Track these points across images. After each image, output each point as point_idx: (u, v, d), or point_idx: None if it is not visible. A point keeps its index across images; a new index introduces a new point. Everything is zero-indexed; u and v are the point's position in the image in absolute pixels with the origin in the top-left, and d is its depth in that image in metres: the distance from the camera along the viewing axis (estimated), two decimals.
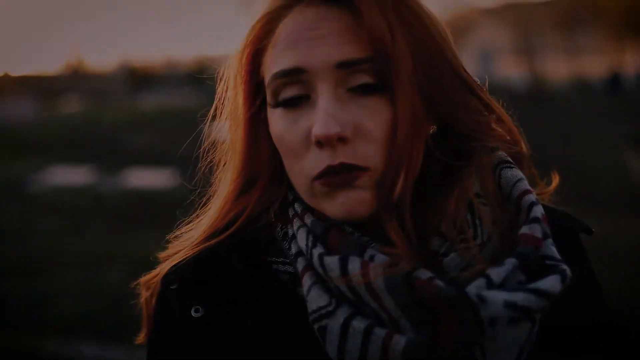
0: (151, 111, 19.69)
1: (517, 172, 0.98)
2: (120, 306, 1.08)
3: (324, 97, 0.90)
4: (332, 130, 0.88)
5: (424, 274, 0.86)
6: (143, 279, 1.06)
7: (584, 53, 34.87)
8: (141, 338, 1.07)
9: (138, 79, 32.33)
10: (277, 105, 0.95)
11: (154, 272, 1.05)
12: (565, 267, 0.88)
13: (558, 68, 33.14)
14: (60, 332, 5.25)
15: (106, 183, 11.12)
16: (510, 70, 31.95)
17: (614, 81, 27.83)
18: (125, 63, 35.98)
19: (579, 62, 33.95)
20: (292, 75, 0.92)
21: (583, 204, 8.04)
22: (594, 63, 33.27)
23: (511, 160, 1.00)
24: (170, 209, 1.12)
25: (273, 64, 0.94)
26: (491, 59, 30.65)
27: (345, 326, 0.87)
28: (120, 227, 8.40)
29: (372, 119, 0.90)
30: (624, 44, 33.96)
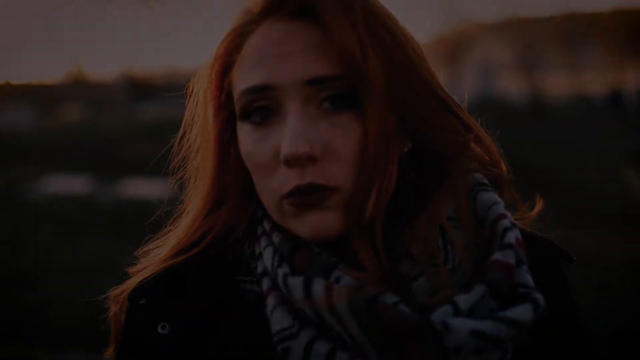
0: (151, 121, 19.69)
1: (493, 196, 0.95)
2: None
3: (293, 115, 0.88)
4: (300, 150, 0.86)
5: (390, 298, 0.83)
6: (112, 293, 1.05)
7: (585, 69, 34.87)
8: (110, 352, 1.06)
9: (138, 88, 32.33)
10: (245, 121, 0.92)
11: (122, 287, 1.03)
12: (538, 295, 0.85)
13: (559, 84, 33.13)
14: (50, 342, 5.22)
15: (104, 192, 11.09)
16: (511, 86, 31.92)
17: (615, 98, 27.84)
18: (126, 72, 36.06)
19: (580, 78, 33.95)
20: (261, 92, 0.90)
21: (582, 220, 8.02)
22: (595, 79, 33.27)
23: (488, 183, 0.97)
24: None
25: (241, 80, 0.92)
26: (492, 74, 30.69)
27: (308, 349, 0.85)
28: (117, 237, 8.37)
29: (342, 137, 0.88)
30: (625, 61, 33.98)
